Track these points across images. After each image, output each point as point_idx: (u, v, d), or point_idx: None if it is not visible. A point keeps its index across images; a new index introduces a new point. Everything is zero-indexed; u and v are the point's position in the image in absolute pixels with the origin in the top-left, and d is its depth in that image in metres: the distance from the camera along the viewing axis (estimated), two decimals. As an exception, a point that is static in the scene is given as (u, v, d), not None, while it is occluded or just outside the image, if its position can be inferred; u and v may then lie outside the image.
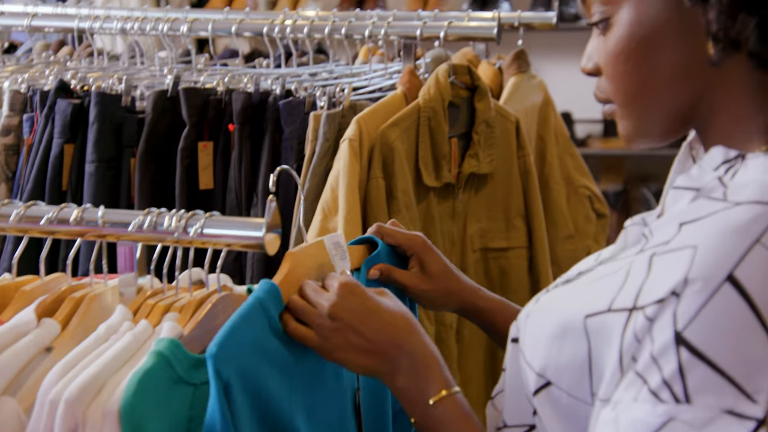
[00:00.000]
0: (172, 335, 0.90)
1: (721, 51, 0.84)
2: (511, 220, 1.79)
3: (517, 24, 2.03)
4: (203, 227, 0.94)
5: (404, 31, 1.71)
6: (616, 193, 3.86)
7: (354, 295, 0.95)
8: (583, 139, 3.90)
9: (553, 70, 4.07)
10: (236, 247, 0.96)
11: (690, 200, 0.87)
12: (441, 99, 1.63)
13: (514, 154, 1.79)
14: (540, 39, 4.02)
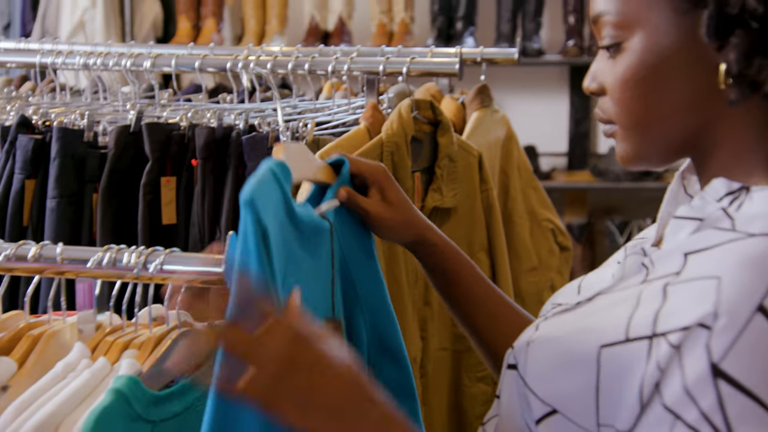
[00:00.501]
0: (130, 372, 0.89)
1: (739, 91, 0.86)
2: (475, 254, 1.80)
3: (480, 59, 2.06)
4: (163, 263, 0.94)
5: (367, 67, 1.72)
6: (580, 226, 3.89)
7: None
8: (548, 172, 3.93)
9: (518, 104, 4.12)
10: (196, 283, 0.95)
11: (692, 230, 0.88)
12: (404, 134, 1.64)
13: (477, 188, 1.80)
14: (504, 73, 4.06)
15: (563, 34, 3.86)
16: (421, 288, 1.73)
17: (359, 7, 3.99)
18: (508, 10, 3.84)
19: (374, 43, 3.85)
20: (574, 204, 4.11)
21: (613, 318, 0.84)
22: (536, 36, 3.85)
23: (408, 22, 3.87)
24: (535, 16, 3.85)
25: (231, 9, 4.12)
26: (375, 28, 3.91)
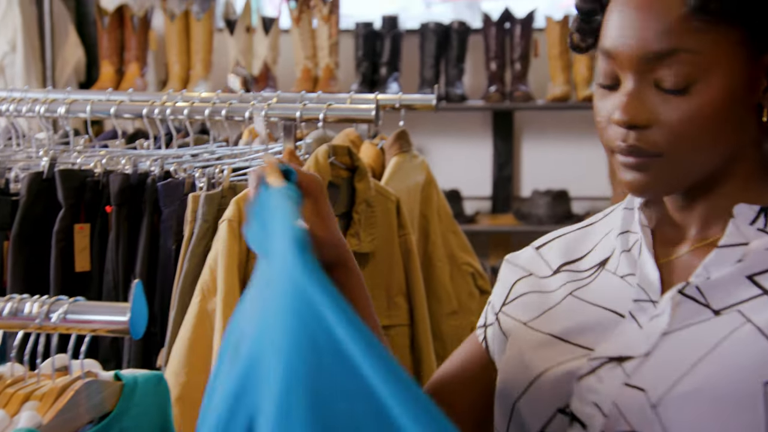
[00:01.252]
0: (30, 425, 0.87)
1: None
2: (393, 299, 1.81)
3: (398, 105, 2.08)
4: (66, 312, 0.93)
5: (284, 113, 1.73)
6: (504, 269, 3.94)
7: None
8: (472, 215, 3.98)
9: (442, 149, 4.17)
10: (102, 333, 0.94)
11: (740, 255, 0.94)
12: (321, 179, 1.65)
13: (395, 233, 1.82)
14: (429, 118, 4.11)
15: (485, 79, 3.93)
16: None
17: (284, 53, 4.01)
18: (431, 56, 3.90)
19: (299, 88, 3.87)
20: (498, 247, 4.16)
21: (750, 354, 0.88)
22: (459, 82, 3.92)
23: (333, 67, 3.91)
24: (457, 63, 3.92)
25: (155, 54, 4.11)
26: (300, 73, 3.93)
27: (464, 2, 4.39)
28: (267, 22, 3.94)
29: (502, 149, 4.14)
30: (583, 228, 1.14)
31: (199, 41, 3.89)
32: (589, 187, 4.06)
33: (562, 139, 4.13)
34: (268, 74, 3.94)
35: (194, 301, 1.51)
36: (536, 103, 3.85)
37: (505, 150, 4.14)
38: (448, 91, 3.90)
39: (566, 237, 1.13)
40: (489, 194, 4.18)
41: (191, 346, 1.50)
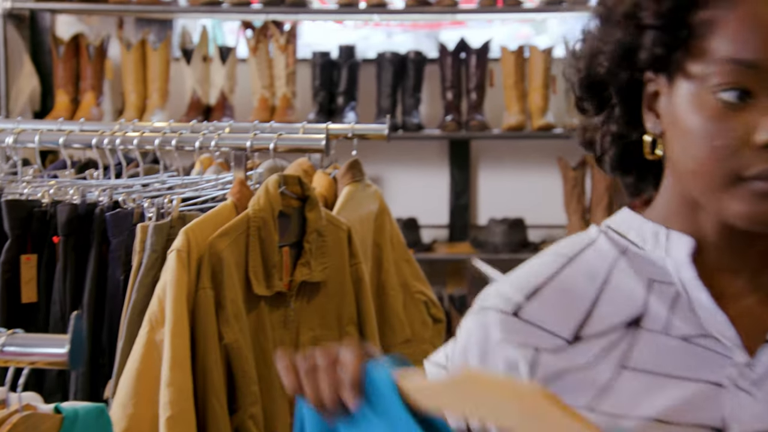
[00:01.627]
0: (-35, 459, 0.86)
1: None
2: (344, 328, 1.81)
3: (351, 135, 2.10)
4: (4, 345, 0.92)
5: (234, 143, 1.74)
6: (461, 297, 3.95)
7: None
8: (429, 244, 3.99)
9: (399, 178, 4.19)
10: (40, 365, 0.94)
11: None
12: (271, 209, 1.65)
13: (346, 262, 1.82)
14: (386, 148, 4.13)
15: (442, 109, 3.96)
16: (291, 363, 1.72)
17: (241, 82, 4.02)
18: (388, 85, 3.93)
19: (256, 117, 3.87)
20: (455, 275, 4.17)
21: None
22: (415, 111, 3.94)
23: (290, 96, 3.92)
24: (414, 92, 3.95)
25: (111, 83, 4.09)
26: (257, 102, 3.94)
27: (424, 32, 4.43)
28: (224, 51, 3.95)
29: (459, 178, 4.17)
30: (554, 279, 0.94)
31: (155, 70, 3.88)
32: (544, 215, 4.09)
33: (517, 168, 4.17)
34: (225, 103, 3.94)
35: (142, 331, 1.50)
36: (492, 132, 3.89)
37: (462, 178, 4.17)
38: (404, 120, 3.92)
39: (544, 295, 0.93)
40: (446, 222, 4.20)
41: (139, 377, 1.49)
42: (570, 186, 3.93)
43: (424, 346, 2.15)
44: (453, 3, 3.80)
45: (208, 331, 1.53)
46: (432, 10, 3.83)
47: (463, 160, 4.16)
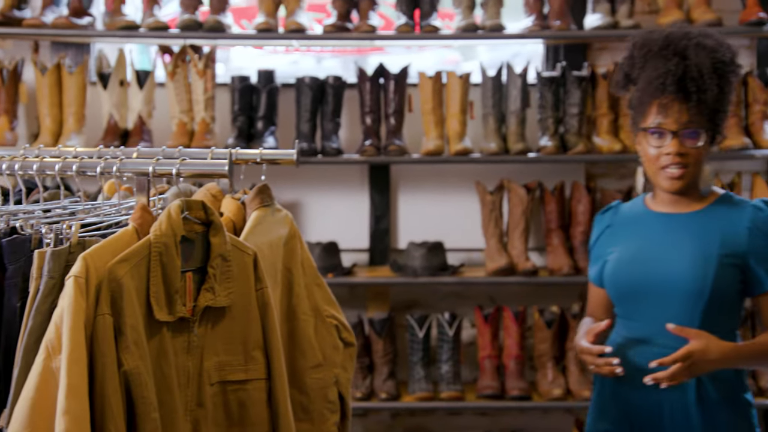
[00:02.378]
0: None
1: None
2: (250, 353, 1.81)
3: (259, 160, 2.10)
4: None
5: (136, 168, 1.73)
6: (381, 321, 3.96)
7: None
8: (349, 268, 4.00)
9: (321, 202, 4.20)
10: None
11: None
12: (173, 234, 1.65)
13: (252, 287, 1.82)
14: (307, 172, 4.14)
15: (361, 134, 3.98)
16: (194, 389, 1.71)
17: (160, 106, 3.99)
18: (307, 110, 3.94)
19: (175, 142, 3.86)
20: (376, 299, 4.19)
21: None
22: (335, 136, 3.96)
23: (208, 121, 3.90)
24: (333, 117, 3.96)
25: (26, 107, 4.04)
26: (175, 127, 3.91)
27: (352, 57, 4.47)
28: (141, 75, 3.92)
29: (379, 202, 4.19)
30: None
31: (71, 94, 3.84)
32: (463, 238, 4.14)
33: (437, 192, 4.21)
34: (143, 128, 3.91)
35: (39, 359, 1.48)
36: (411, 157, 3.92)
37: (382, 203, 4.19)
38: (324, 145, 3.93)
39: None
40: (366, 246, 4.22)
41: (34, 405, 1.47)
42: (488, 210, 3.98)
43: (335, 370, 2.15)
44: (371, 29, 3.84)
45: (106, 358, 1.51)
46: (350, 36, 3.86)
47: (383, 184, 4.19)
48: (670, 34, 2.24)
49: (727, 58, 2.21)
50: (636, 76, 2.25)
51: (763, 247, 2.21)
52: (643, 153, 2.25)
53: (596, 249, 2.41)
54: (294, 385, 2.05)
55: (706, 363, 2.14)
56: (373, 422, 4.25)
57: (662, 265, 2.23)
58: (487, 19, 3.86)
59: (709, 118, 2.20)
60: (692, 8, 3.82)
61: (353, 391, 3.94)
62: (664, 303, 2.22)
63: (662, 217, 2.29)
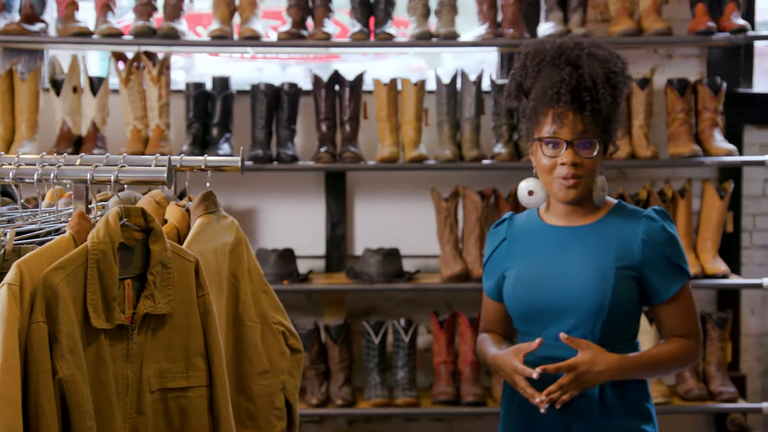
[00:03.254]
0: None
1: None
2: (191, 360, 1.80)
3: (204, 167, 2.10)
4: None
5: (75, 175, 1.72)
6: (337, 327, 3.97)
7: None
8: (305, 274, 4.00)
9: (277, 209, 4.19)
10: None
11: None
12: (111, 241, 1.65)
13: (193, 294, 1.82)
14: (263, 179, 4.14)
15: (317, 141, 3.99)
16: (133, 396, 1.71)
17: (114, 113, 3.98)
18: (262, 117, 3.94)
19: (128, 148, 3.84)
20: (332, 306, 4.19)
21: None
22: (290, 143, 3.96)
23: (163, 128, 3.89)
24: (288, 124, 3.96)
25: (-22, 113, 4.00)
26: (129, 133, 3.90)
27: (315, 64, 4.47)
28: (95, 82, 3.90)
29: (336, 209, 4.20)
30: None
31: (23, 101, 3.81)
32: (418, 245, 4.16)
33: (392, 199, 4.23)
34: (96, 135, 3.89)
35: (-28, 367, 1.47)
36: (366, 163, 3.93)
37: (338, 209, 4.20)
38: (279, 152, 3.93)
39: None
40: (323, 253, 4.22)
41: (-33, 414, 1.46)
42: (443, 216, 4.00)
43: (282, 376, 2.16)
44: (326, 36, 3.85)
45: (41, 366, 1.51)
46: (305, 43, 3.87)
47: (339, 191, 4.19)
48: (563, 44, 2.21)
49: (619, 68, 2.20)
50: (529, 86, 2.23)
51: (658, 258, 2.20)
52: (537, 163, 2.23)
53: (492, 263, 2.36)
54: (241, 392, 2.05)
55: (594, 374, 2.13)
56: (330, 429, 4.25)
57: (561, 282, 2.21)
58: (441, 26, 3.89)
59: (603, 128, 2.18)
60: (643, 17, 3.87)
61: (309, 397, 3.94)
62: (564, 320, 2.20)
63: (557, 231, 2.27)
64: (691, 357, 2.25)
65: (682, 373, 3.96)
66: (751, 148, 4.18)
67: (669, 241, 2.22)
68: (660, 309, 2.25)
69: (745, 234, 4.23)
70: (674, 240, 2.23)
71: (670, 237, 2.22)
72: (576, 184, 2.18)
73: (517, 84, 2.27)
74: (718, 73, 4.06)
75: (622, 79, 2.20)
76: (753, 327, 4.26)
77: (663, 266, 2.21)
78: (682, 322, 2.24)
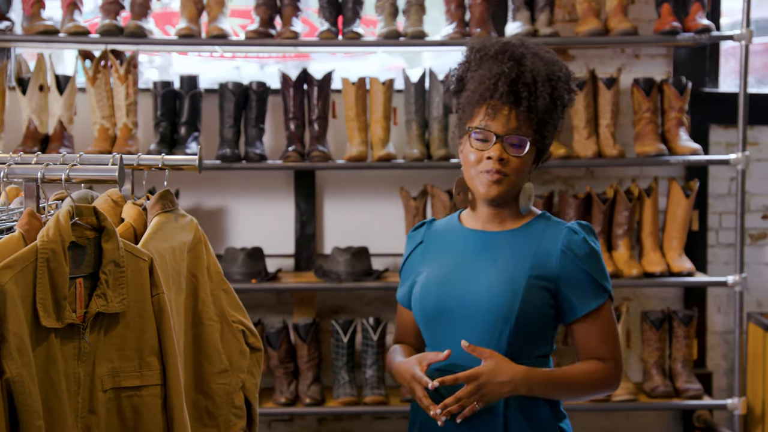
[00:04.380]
0: None
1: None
2: (145, 359, 1.80)
3: (161, 166, 2.10)
4: None
5: (25, 173, 1.72)
6: (306, 326, 3.97)
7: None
8: (274, 273, 4.00)
9: (246, 208, 4.19)
10: None
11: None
12: (61, 240, 1.64)
13: (147, 293, 1.82)
14: (232, 178, 4.14)
15: (285, 140, 3.99)
16: (85, 395, 1.71)
17: (81, 111, 3.96)
18: (231, 116, 3.93)
19: (96, 147, 3.83)
20: (302, 304, 4.19)
21: None
22: (259, 142, 3.96)
23: (131, 127, 3.88)
24: (257, 123, 3.96)
25: (-57, 112, 3.97)
26: (97, 132, 3.88)
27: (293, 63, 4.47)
28: (62, 80, 3.88)
29: (305, 208, 4.20)
30: None
31: (-11, 100, 3.79)
32: (387, 244, 4.17)
33: (361, 198, 4.23)
34: (63, 133, 3.87)
35: None
36: (334, 162, 3.94)
37: (307, 208, 4.20)
38: (247, 151, 3.93)
39: None
40: (292, 252, 4.22)
41: None
42: (411, 215, 4.01)
43: (241, 375, 2.16)
44: (294, 35, 3.85)
45: (-13, 365, 1.50)
46: (273, 42, 3.87)
47: (308, 190, 4.20)
48: (509, 41, 2.15)
49: (563, 74, 2.12)
50: (469, 79, 2.14)
51: (575, 272, 2.08)
52: (464, 157, 2.12)
53: (407, 268, 2.26)
54: (200, 391, 2.05)
55: (496, 386, 1.99)
56: (299, 427, 4.25)
57: (469, 286, 2.09)
58: (409, 26, 3.90)
59: (537, 128, 2.09)
60: (609, 17, 3.90)
61: (278, 396, 3.94)
62: (470, 326, 2.08)
63: (475, 235, 2.17)
64: (607, 382, 2.11)
65: (648, 369, 3.98)
66: (717, 147, 4.22)
67: (589, 256, 2.10)
68: (576, 327, 2.12)
69: (711, 232, 4.26)
70: (595, 255, 2.11)
71: (592, 251, 2.11)
72: (500, 180, 2.08)
73: (458, 78, 2.19)
74: (685, 73, 4.09)
75: (564, 86, 2.12)
76: (719, 324, 4.30)
77: (580, 281, 2.09)
78: (600, 343, 2.11)
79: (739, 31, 3.81)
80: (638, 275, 3.85)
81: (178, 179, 4.02)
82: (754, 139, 4.23)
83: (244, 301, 2.23)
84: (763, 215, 4.29)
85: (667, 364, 4.03)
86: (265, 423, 4.21)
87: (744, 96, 3.81)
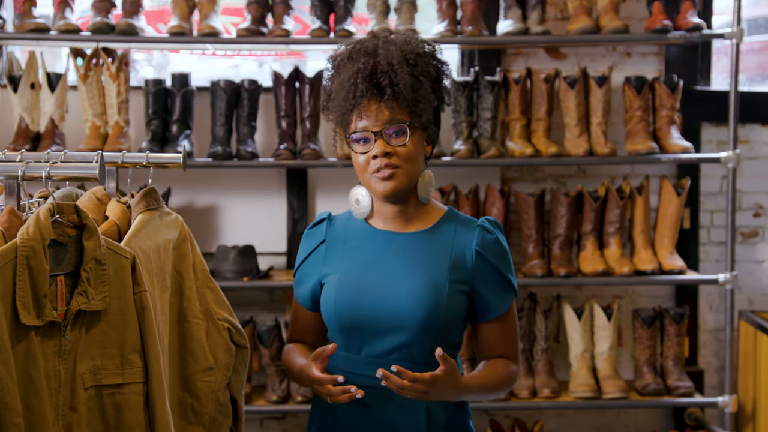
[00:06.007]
0: None
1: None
2: (127, 356, 1.81)
3: (146, 163, 2.10)
4: None
5: (6, 171, 1.72)
6: (298, 324, 3.97)
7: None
8: (266, 271, 4.00)
9: (238, 205, 4.19)
10: None
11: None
12: (41, 237, 1.64)
13: (129, 291, 1.82)
14: (224, 176, 4.14)
15: (277, 137, 3.99)
16: (66, 393, 1.71)
17: (73, 109, 3.96)
18: (222, 114, 3.93)
19: (87, 145, 3.83)
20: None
21: None
22: (250, 140, 3.96)
23: (122, 125, 3.88)
24: (248, 121, 3.96)
25: (-65, 110, 3.98)
26: (88, 130, 3.88)
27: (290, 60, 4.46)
28: (53, 78, 3.88)
29: (297, 205, 4.20)
30: None
31: (-20, 97, 3.79)
32: (379, 241, 4.16)
33: (353, 196, 4.22)
34: (55, 131, 3.87)
35: None
36: (326, 160, 3.94)
37: (299, 206, 4.20)
38: (239, 149, 3.93)
39: None
40: (284, 250, 4.22)
41: None
42: (403, 213, 4.00)
43: (227, 373, 2.16)
44: (285, 33, 3.85)
45: (-33, 363, 1.50)
46: (264, 40, 3.87)
47: (300, 187, 4.20)
48: (361, 39, 2.11)
49: (420, 49, 2.07)
50: (333, 89, 2.09)
51: (490, 273, 2.09)
52: (355, 164, 2.09)
53: (307, 267, 2.20)
54: (185, 388, 2.05)
55: (441, 390, 1.99)
56: (291, 425, 4.26)
57: (390, 295, 2.06)
58: (400, 24, 3.89)
59: (411, 110, 2.03)
60: (601, 15, 3.90)
61: (269, 394, 3.94)
62: (391, 336, 2.06)
63: (386, 236, 2.12)
64: (513, 380, 2.14)
65: (639, 367, 3.99)
66: (709, 146, 4.22)
67: (503, 255, 2.11)
68: (485, 327, 2.13)
69: (703, 230, 4.27)
70: (507, 254, 2.12)
71: (504, 251, 2.12)
72: (392, 174, 2.04)
73: (326, 92, 2.14)
74: (676, 71, 4.09)
75: (426, 59, 2.07)
76: (710, 322, 4.30)
77: (495, 281, 2.10)
78: (507, 342, 2.13)
79: (730, 29, 3.81)
80: (629, 273, 3.85)
81: (169, 177, 4.02)
82: (746, 137, 4.24)
83: (236, 299, 2.24)
84: (755, 213, 4.30)
85: (659, 362, 4.03)
86: (257, 421, 4.21)
87: (735, 94, 3.82)
